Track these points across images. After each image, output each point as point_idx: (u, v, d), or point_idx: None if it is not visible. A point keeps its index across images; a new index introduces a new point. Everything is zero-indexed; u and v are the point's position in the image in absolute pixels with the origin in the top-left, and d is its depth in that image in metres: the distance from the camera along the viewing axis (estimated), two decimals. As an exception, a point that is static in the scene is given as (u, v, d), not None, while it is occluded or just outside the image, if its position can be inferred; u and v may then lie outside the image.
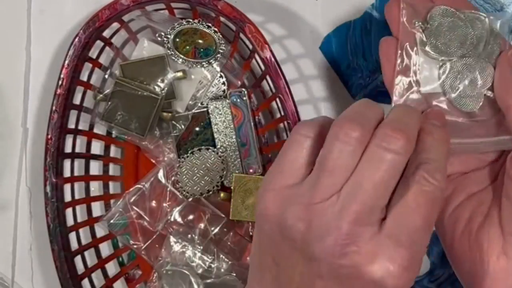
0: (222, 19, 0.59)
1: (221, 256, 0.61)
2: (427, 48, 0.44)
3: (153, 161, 0.64)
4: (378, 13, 0.64)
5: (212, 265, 0.61)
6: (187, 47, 0.61)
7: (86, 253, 0.62)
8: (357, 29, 0.65)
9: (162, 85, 0.60)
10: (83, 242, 0.62)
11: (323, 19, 0.65)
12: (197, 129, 0.64)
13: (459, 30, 0.44)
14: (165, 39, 0.60)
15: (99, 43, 0.60)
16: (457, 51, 0.44)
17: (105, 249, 0.64)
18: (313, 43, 0.65)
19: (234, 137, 0.63)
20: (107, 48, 0.61)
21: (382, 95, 0.65)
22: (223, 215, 0.63)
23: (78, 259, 0.61)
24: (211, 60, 0.61)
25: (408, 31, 0.44)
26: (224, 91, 0.63)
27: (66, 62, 0.58)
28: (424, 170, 0.36)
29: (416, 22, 0.45)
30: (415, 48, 0.45)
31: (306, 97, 0.65)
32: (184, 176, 0.62)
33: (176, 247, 0.61)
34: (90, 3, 0.63)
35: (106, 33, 0.60)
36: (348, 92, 0.65)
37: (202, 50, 0.61)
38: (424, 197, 0.36)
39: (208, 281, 0.60)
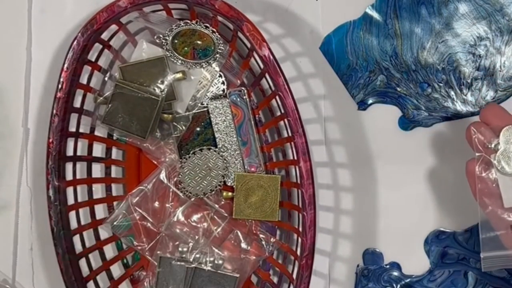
0: (220, 18, 0.59)
1: (225, 253, 0.62)
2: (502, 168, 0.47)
3: (155, 162, 0.64)
4: (378, 13, 0.64)
5: (215, 262, 0.61)
6: (186, 48, 0.61)
7: (90, 256, 0.62)
8: (357, 29, 0.65)
9: (162, 86, 0.60)
10: (87, 244, 0.62)
11: (323, 19, 0.65)
12: (198, 129, 0.64)
13: None
14: (163, 41, 0.60)
15: (98, 46, 0.60)
16: None
17: (109, 251, 0.64)
18: (313, 43, 0.65)
19: (235, 136, 0.63)
20: (106, 50, 0.61)
21: (381, 95, 0.65)
22: (226, 214, 0.63)
23: (82, 262, 0.61)
24: (210, 60, 0.61)
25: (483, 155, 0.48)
26: (223, 90, 0.63)
27: (65, 65, 0.58)
28: None
29: (489, 145, 0.48)
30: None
31: (306, 97, 0.65)
32: (186, 177, 0.62)
33: (180, 246, 0.62)
34: (91, 3, 0.64)
35: (105, 36, 0.60)
36: (348, 92, 0.65)
37: (200, 50, 0.61)
38: None
39: (207, 273, 0.60)
